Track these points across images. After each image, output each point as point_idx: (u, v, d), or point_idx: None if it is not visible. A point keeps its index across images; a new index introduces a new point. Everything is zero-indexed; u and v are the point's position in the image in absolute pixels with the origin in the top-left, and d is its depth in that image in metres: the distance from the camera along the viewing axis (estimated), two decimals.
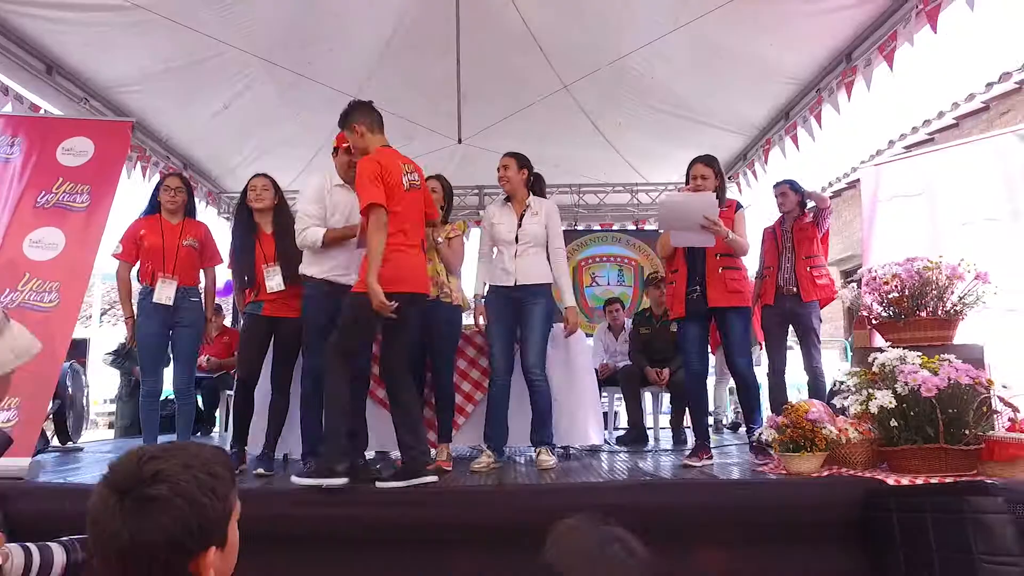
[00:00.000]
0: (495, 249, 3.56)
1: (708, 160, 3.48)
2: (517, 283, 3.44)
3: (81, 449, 4.58)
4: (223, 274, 4.25)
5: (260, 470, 3.22)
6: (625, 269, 7.15)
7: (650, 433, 5.02)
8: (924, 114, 8.29)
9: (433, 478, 2.76)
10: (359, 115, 2.91)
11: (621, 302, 5.51)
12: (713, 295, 3.36)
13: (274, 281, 3.34)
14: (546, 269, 3.49)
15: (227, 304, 6.46)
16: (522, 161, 3.57)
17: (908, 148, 9.04)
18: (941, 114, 7.73)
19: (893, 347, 2.87)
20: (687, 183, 3.51)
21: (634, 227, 7.63)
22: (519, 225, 3.50)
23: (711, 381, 5.03)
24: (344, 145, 3.21)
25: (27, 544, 1.18)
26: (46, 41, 4.32)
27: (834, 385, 3.30)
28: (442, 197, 3.60)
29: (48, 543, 1.20)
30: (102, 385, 9.04)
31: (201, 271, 3.73)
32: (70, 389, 4.77)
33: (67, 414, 4.62)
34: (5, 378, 1.17)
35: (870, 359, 2.88)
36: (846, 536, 2.56)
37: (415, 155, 6.16)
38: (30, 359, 1.21)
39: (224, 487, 0.93)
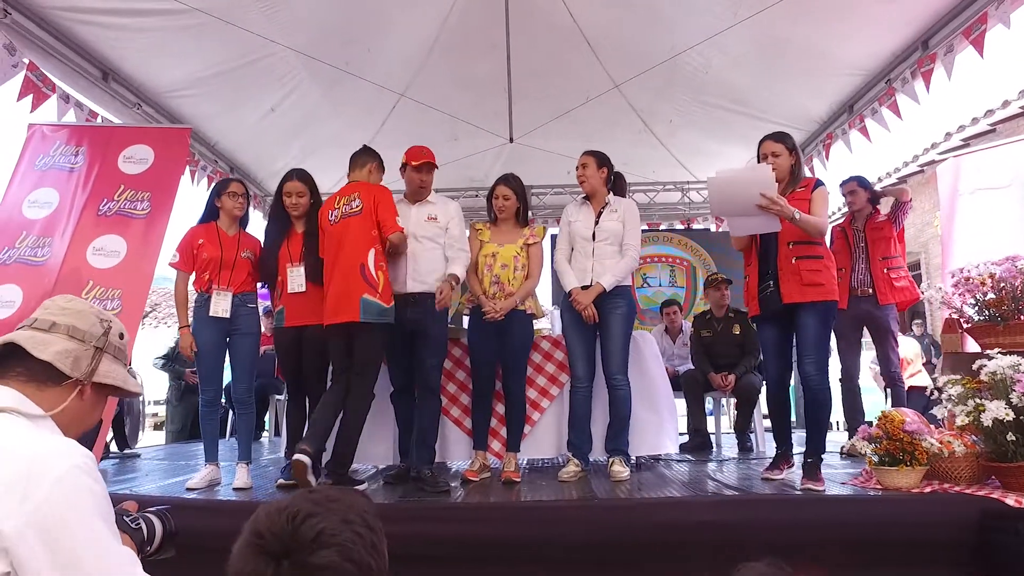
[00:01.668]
0: (572, 249, 3.42)
1: (779, 136, 3.11)
2: (594, 284, 3.30)
3: (139, 455, 4.58)
4: None
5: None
6: (677, 270, 6.95)
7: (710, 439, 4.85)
8: (985, 103, 7.93)
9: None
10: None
11: (679, 304, 5.34)
12: (787, 289, 2.91)
13: (296, 283, 3.28)
14: None
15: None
16: (602, 159, 3.41)
17: (967, 140, 8.67)
18: (1006, 103, 7.37)
19: (1004, 353, 2.66)
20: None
21: (682, 226, 7.43)
22: (596, 222, 3.36)
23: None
24: (414, 163, 3.33)
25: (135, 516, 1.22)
26: (102, 47, 4.32)
27: (930, 393, 3.08)
28: (516, 200, 3.45)
29: (147, 514, 1.24)
30: (147, 387, 9.17)
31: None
32: None
33: (124, 420, 4.63)
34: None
35: (975, 366, 2.68)
36: (957, 559, 2.38)
37: (463, 155, 6.24)
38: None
39: (382, 541, 0.82)
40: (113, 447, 4.62)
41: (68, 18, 4.02)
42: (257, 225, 5.92)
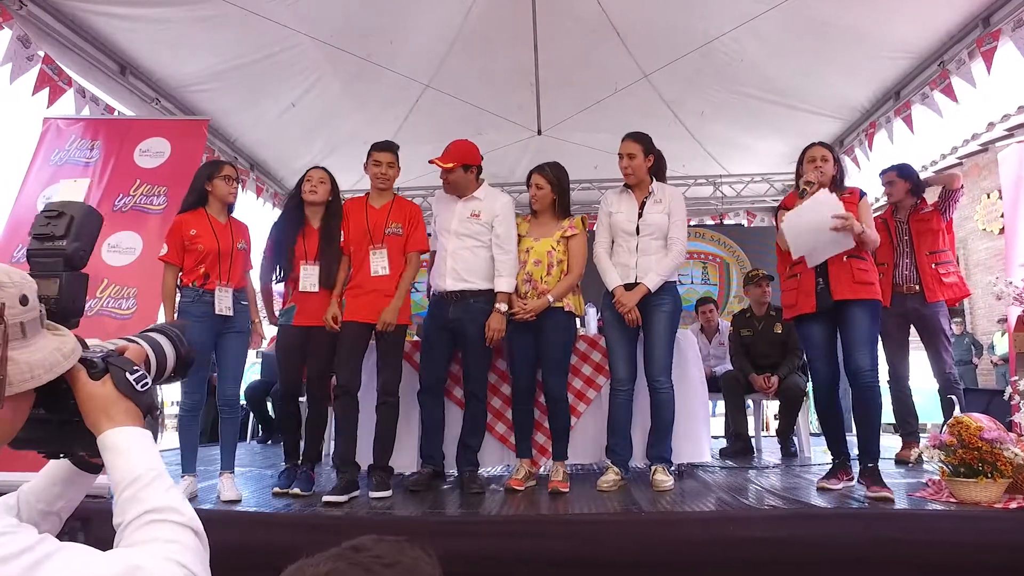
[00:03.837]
0: (613, 242, 3.21)
1: (826, 144, 3.12)
2: (639, 281, 3.10)
3: None
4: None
5: (296, 490, 3.00)
6: (710, 266, 6.70)
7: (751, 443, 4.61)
8: None
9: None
10: None
11: (715, 302, 5.11)
12: (838, 287, 2.87)
13: (308, 281, 3.14)
14: None
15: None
16: (647, 146, 3.18)
17: (1011, 131, 8.31)
18: None
19: None
20: (798, 170, 3.10)
21: (713, 222, 7.18)
22: (640, 215, 3.14)
23: None
24: (448, 166, 3.19)
25: (140, 343, 0.94)
26: (118, 40, 4.23)
27: (1009, 398, 2.82)
28: (551, 190, 3.22)
29: (151, 334, 0.97)
30: (167, 389, 9.07)
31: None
32: None
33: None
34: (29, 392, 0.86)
35: None
36: None
37: (489, 149, 6.04)
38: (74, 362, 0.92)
39: None
40: None
41: (84, 9, 3.92)
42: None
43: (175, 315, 3.12)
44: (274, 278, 3.35)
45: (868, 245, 2.90)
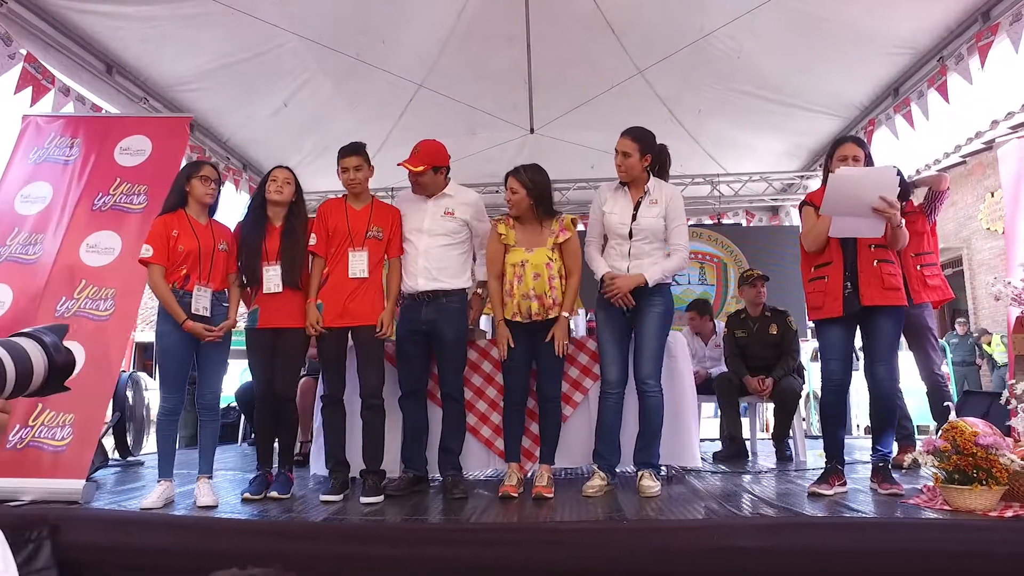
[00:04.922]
0: (607, 241, 3.11)
1: (861, 141, 3.01)
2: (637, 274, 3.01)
3: (142, 463, 4.40)
4: None
5: (274, 493, 2.99)
6: (707, 267, 6.61)
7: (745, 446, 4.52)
8: None
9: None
10: None
11: (710, 307, 5.02)
12: (867, 292, 2.84)
13: (272, 283, 3.06)
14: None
15: None
16: (645, 146, 3.01)
17: (1015, 128, 8.20)
18: None
19: None
20: (826, 163, 3.01)
21: (711, 221, 7.09)
22: (634, 217, 3.04)
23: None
24: (419, 169, 3.13)
25: None
26: (105, 39, 4.18)
27: (1006, 402, 2.74)
28: (527, 195, 3.05)
29: (18, 341, 0.84)
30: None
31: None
32: (130, 399, 4.62)
33: (127, 426, 4.46)
34: None
35: None
36: None
37: (481, 148, 5.99)
38: None
39: None
40: (115, 454, 4.44)
41: (68, 7, 3.87)
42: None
43: (156, 319, 3.04)
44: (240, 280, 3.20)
45: (898, 242, 2.86)
